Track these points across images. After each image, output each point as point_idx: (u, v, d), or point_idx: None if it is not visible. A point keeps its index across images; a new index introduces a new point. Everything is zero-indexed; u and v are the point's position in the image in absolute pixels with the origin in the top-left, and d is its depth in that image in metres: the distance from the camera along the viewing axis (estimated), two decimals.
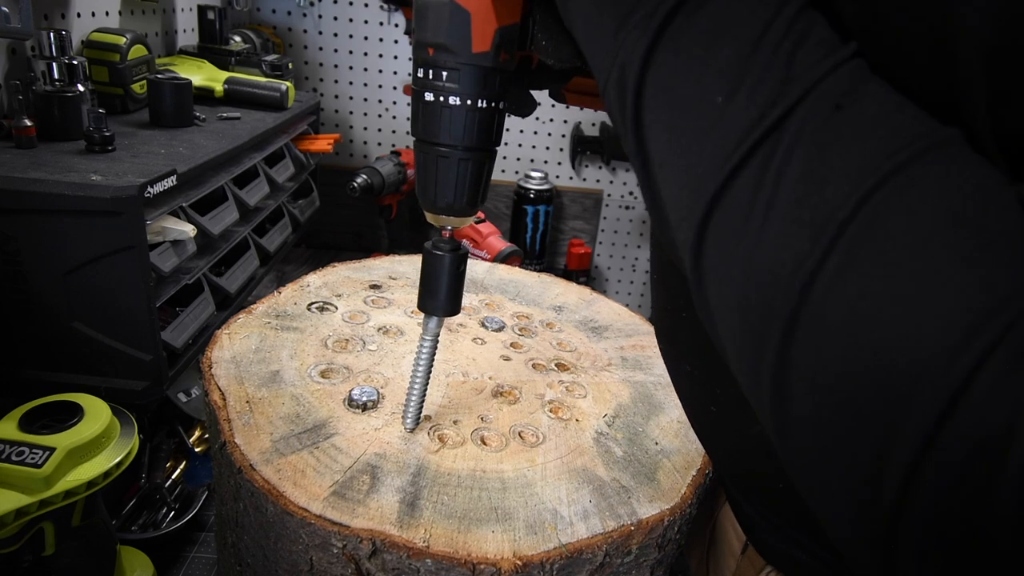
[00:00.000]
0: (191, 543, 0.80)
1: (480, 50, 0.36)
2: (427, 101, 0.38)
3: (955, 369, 0.18)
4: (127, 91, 0.87)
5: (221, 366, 0.53)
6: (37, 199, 0.60)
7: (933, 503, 0.19)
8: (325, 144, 1.22)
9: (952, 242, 0.20)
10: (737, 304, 0.24)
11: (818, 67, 0.23)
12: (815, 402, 0.22)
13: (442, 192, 0.40)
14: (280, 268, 1.33)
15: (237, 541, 0.48)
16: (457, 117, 0.37)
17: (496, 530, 0.42)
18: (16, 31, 0.70)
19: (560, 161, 1.62)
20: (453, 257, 0.43)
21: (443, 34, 0.36)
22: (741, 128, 0.23)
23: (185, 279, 0.74)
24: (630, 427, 0.54)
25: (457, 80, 0.37)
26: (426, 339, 0.47)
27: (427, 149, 0.39)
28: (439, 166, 0.39)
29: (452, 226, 0.43)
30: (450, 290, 0.44)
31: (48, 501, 0.53)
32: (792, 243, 0.22)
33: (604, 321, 0.71)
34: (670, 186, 0.26)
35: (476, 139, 0.38)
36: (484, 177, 0.41)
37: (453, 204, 0.40)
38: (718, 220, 0.24)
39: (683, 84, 0.25)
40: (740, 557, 0.47)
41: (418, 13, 0.36)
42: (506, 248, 1.29)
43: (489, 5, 0.35)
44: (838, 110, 0.22)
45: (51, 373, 0.68)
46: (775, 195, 0.22)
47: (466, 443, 0.49)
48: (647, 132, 0.27)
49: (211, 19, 1.11)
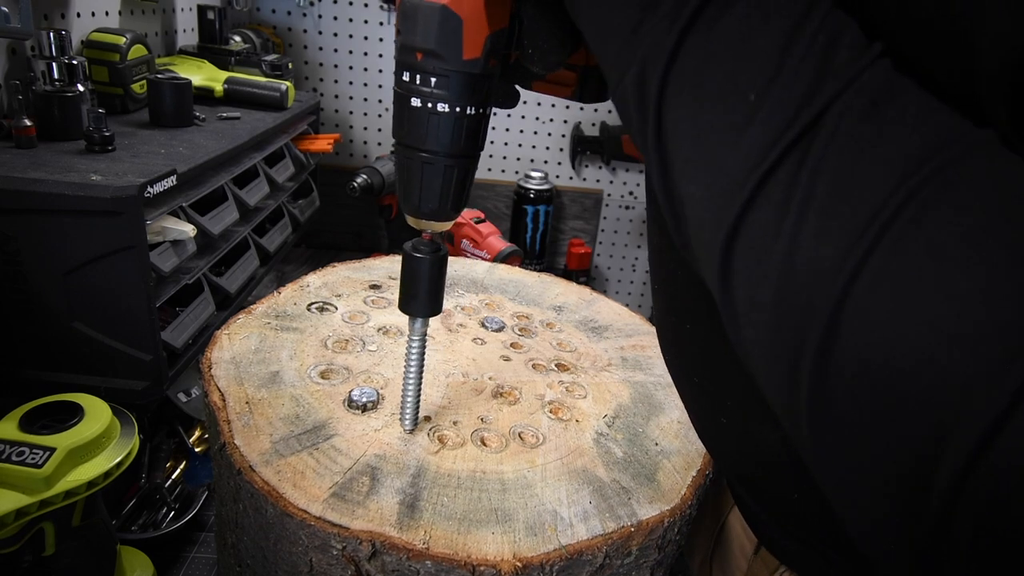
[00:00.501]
0: (191, 543, 0.80)
1: (471, 57, 0.35)
2: (413, 107, 0.36)
3: (1011, 377, 0.18)
4: (127, 91, 0.87)
5: (221, 367, 0.53)
6: (37, 199, 0.60)
7: (987, 508, 0.18)
8: (325, 144, 1.22)
9: (1002, 243, 0.19)
10: (773, 304, 0.23)
11: (854, 64, 0.22)
12: (857, 404, 0.21)
13: (427, 198, 0.39)
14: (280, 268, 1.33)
15: (237, 542, 0.48)
16: (445, 124, 0.36)
17: (496, 531, 0.42)
18: (16, 31, 0.70)
19: (560, 161, 1.62)
20: (434, 259, 0.43)
21: (433, 40, 0.34)
22: (777, 125, 0.23)
23: (185, 279, 0.74)
24: (630, 428, 0.54)
25: (446, 87, 0.35)
26: (414, 340, 0.47)
27: (411, 154, 0.38)
28: (424, 172, 0.38)
29: (433, 230, 0.42)
30: (431, 291, 0.44)
31: (48, 501, 0.53)
32: (833, 240, 0.21)
33: (604, 321, 0.71)
34: (694, 184, 0.25)
35: (463, 146, 0.38)
36: (468, 182, 0.40)
37: (437, 210, 0.40)
38: (752, 220, 0.23)
39: (713, 80, 0.24)
40: (752, 558, 0.46)
41: (405, 15, 0.35)
42: (506, 248, 1.29)
43: (482, 11, 0.34)
44: (875, 107, 0.22)
45: (51, 373, 0.68)
46: (812, 193, 0.22)
47: (466, 444, 0.49)
48: (669, 129, 0.26)
49: (211, 19, 1.11)
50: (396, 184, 0.41)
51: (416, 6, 0.34)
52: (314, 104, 1.20)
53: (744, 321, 0.24)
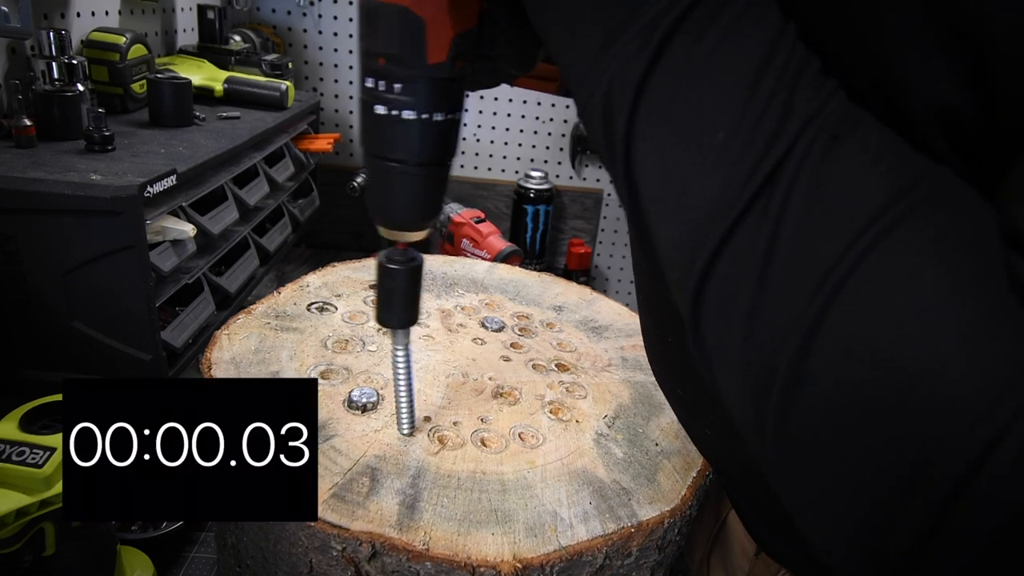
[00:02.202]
0: (191, 543, 0.80)
1: (436, 61, 0.33)
2: (378, 114, 0.34)
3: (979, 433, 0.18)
4: (127, 91, 0.87)
5: (220, 367, 0.53)
6: (37, 199, 0.60)
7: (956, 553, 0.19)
8: (325, 144, 1.22)
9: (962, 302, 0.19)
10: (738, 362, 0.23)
11: (816, 97, 0.22)
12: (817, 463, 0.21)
13: (397, 208, 0.38)
14: (280, 268, 1.33)
15: (237, 542, 0.48)
16: (412, 132, 0.35)
17: (496, 532, 0.42)
18: (16, 31, 0.69)
19: (560, 161, 1.62)
20: (409, 270, 0.42)
21: (395, 44, 0.32)
22: (745, 168, 0.22)
23: (185, 279, 0.74)
24: (630, 428, 0.54)
25: (411, 93, 0.33)
26: (398, 350, 0.46)
27: (379, 164, 0.36)
28: (393, 182, 0.36)
29: (406, 240, 0.41)
30: (408, 302, 0.43)
31: (48, 501, 0.53)
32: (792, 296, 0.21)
33: (604, 321, 0.71)
34: (664, 224, 0.25)
35: (433, 153, 0.36)
36: (441, 189, 0.38)
37: (409, 220, 0.39)
38: (720, 270, 0.23)
39: (681, 115, 0.23)
40: (755, 559, 0.46)
41: (366, 18, 0.33)
42: (506, 248, 1.29)
43: (445, 11, 0.32)
44: (835, 140, 0.22)
45: (51, 373, 0.68)
46: (774, 243, 0.22)
47: (466, 444, 0.49)
48: (638, 162, 0.25)
49: (211, 19, 1.11)
50: (366, 195, 0.39)
51: (376, 8, 0.32)
52: (314, 104, 1.20)
53: (715, 365, 0.24)
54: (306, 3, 1.43)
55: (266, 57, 1.13)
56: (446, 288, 0.73)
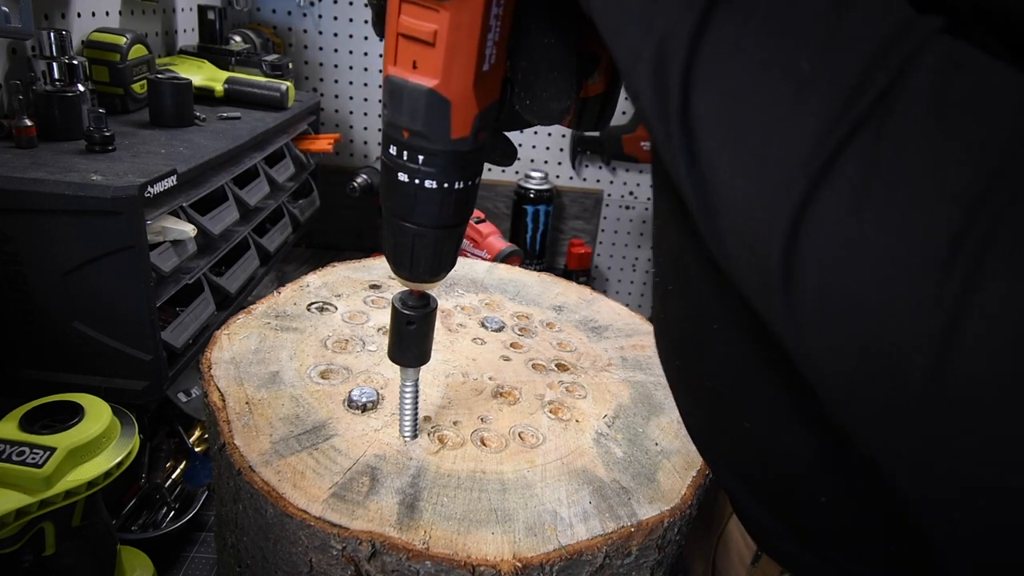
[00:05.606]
0: (191, 543, 0.80)
1: (459, 136, 0.33)
2: (400, 181, 0.35)
3: None
4: (127, 91, 0.87)
5: (220, 367, 0.53)
6: (37, 199, 0.60)
7: None
8: (325, 144, 1.22)
9: None
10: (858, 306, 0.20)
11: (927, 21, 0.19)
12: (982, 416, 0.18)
13: (417, 264, 0.39)
14: (280, 268, 1.33)
15: (237, 542, 0.48)
16: (433, 199, 0.35)
17: (496, 532, 0.42)
18: (16, 31, 0.70)
19: (560, 161, 1.62)
20: (424, 315, 0.43)
21: (420, 122, 0.33)
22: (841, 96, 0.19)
23: (185, 279, 0.74)
24: (630, 428, 0.54)
25: (434, 164, 0.34)
26: (407, 384, 0.47)
27: (400, 226, 0.37)
28: (414, 243, 0.37)
29: (424, 289, 0.42)
30: (421, 344, 0.44)
31: (48, 501, 0.54)
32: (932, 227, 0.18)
33: (604, 321, 0.71)
34: (735, 174, 0.22)
35: (452, 218, 0.37)
36: (458, 244, 0.40)
37: (430, 274, 0.40)
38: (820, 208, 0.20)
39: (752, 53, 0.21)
40: (751, 568, 0.46)
41: (392, 94, 0.33)
42: (506, 248, 1.29)
43: (471, 91, 0.32)
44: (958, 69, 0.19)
45: (51, 373, 0.68)
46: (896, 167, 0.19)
47: (466, 444, 0.49)
48: (698, 113, 0.22)
49: (211, 19, 1.11)
50: (383, 237, 0.40)
51: (402, 87, 0.32)
52: (314, 104, 1.20)
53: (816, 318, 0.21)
54: (306, 3, 1.43)
55: (266, 57, 1.13)
56: (446, 288, 0.73)
